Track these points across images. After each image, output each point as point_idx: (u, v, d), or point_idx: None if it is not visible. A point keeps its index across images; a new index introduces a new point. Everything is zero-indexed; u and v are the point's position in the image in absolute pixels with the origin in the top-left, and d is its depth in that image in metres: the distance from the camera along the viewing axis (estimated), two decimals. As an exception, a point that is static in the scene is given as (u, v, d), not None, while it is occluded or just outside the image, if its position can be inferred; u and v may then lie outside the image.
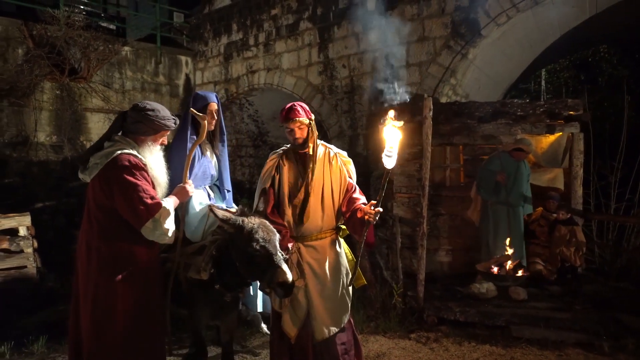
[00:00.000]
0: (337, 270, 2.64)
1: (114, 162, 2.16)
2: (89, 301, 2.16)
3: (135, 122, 2.27)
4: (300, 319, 2.57)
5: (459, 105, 5.31)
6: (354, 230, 2.53)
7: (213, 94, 2.92)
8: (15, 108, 7.72)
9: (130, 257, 2.19)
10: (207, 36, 10.16)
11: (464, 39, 6.72)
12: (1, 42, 7.63)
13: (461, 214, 5.21)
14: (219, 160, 2.97)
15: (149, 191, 2.16)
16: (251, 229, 2.23)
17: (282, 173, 2.64)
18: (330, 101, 8.31)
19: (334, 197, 2.64)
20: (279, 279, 2.16)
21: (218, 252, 2.41)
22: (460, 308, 3.85)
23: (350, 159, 2.77)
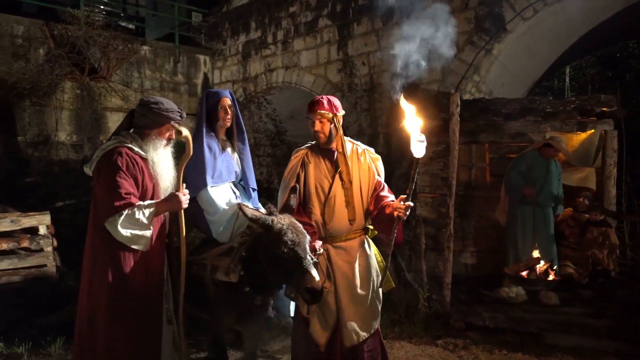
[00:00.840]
0: (368, 272, 2.51)
1: (106, 154, 2.14)
2: (84, 295, 2.14)
3: (140, 116, 2.24)
4: (330, 325, 2.44)
5: (485, 101, 5.12)
6: (382, 229, 2.41)
7: (226, 90, 2.85)
8: (37, 108, 7.78)
9: (125, 251, 2.13)
10: (225, 35, 10.12)
11: (488, 34, 6.51)
12: (23, 42, 7.70)
13: (487, 214, 5.02)
14: (241, 159, 2.87)
15: (123, 188, 2.07)
16: (280, 230, 2.11)
17: (307, 170, 2.52)
18: (350, 99, 8.18)
19: (363, 195, 2.51)
20: (307, 284, 2.04)
21: (248, 254, 2.29)
22: (489, 313, 3.69)
23: (379, 155, 2.63)
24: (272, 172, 9.94)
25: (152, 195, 2.23)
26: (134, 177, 2.14)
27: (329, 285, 2.43)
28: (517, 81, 8.24)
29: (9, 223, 5.03)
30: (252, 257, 2.27)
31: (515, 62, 7.49)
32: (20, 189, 7.12)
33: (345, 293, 2.44)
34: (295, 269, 2.07)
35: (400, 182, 6.25)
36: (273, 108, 9.77)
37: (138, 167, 2.16)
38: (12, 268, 5.02)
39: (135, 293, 2.14)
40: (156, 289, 2.23)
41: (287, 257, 2.07)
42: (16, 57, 7.56)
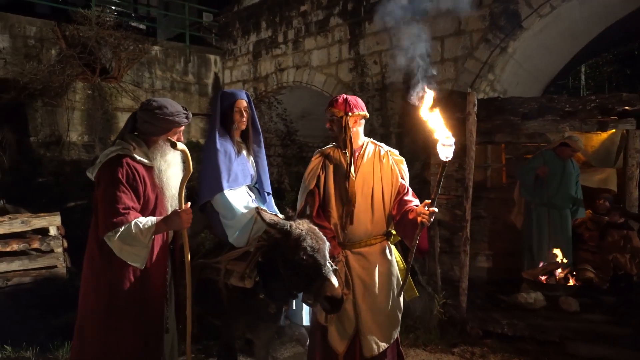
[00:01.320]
0: (388, 280, 2.40)
1: (107, 164, 2.04)
2: (80, 298, 2.10)
3: (144, 123, 2.11)
4: (349, 334, 2.35)
5: (501, 101, 5.00)
6: (405, 235, 2.28)
7: (242, 91, 2.73)
8: (49, 108, 7.80)
9: (122, 263, 2.05)
10: (236, 34, 10.07)
11: (503, 31, 6.36)
12: (36, 43, 7.72)
13: (503, 216, 4.89)
14: (257, 162, 2.77)
15: (122, 202, 1.98)
16: (299, 236, 2.01)
17: (327, 172, 2.42)
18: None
19: (385, 199, 2.40)
20: (327, 292, 1.94)
21: (264, 259, 2.21)
22: (507, 320, 3.56)
23: (403, 157, 2.52)
24: (283, 173, 9.87)
25: (154, 206, 2.13)
26: (134, 189, 2.04)
27: (348, 292, 2.33)
28: (533, 80, 8.06)
29: (19, 224, 5.03)
30: (268, 263, 2.18)
31: (531, 60, 7.32)
32: (33, 189, 7.15)
33: (364, 301, 2.35)
34: (314, 277, 1.97)
35: (414, 184, 6.13)
36: (284, 108, 9.70)
37: (139, 177, 2.06)
38: (23, 269, 5.01)
39: (132, 306, 2.06)
40: (157, 300, 2.15)
41: (306, 264, 1.98)
42: (29, 57, 7.59)
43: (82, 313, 2.12)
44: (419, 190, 5.57)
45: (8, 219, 5.01)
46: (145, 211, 2.08)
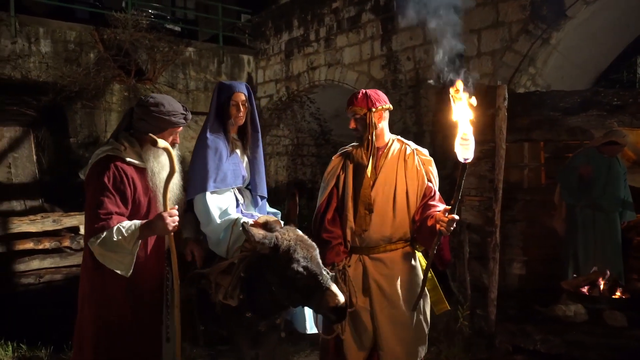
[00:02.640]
0: (412, 290, 2.20)
1: (95, 165, 1.95)
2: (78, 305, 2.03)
3: (139, 120, 2.00)
4: (367, 347, 2.18)
5: (539, 95, 4.63)
6: (423, 242, 2.12)
7: (242, 84, 2.53)
8: (87, 110, 8.05)
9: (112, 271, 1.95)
10: (269, 34, 10.05)
11: (546, 21, 5.93)
12: (75, 47, 7.99)
13: (540, 220, 4.52)
14: (252, 162, 2.61)
15: (104, 208, 1.87)
16: (288, 248, 1.85)
17: (347, 172, 2.26)
18: (394, 96, 7.81)
19: (410, 201, 2.21)
20: (330, 303, 1.77)
21: (247, 274, 2.05)
22: (541, 335, 3.25)
23: (432, 158, 2.32)
24: (317, 172, 9.75)
25: (147, 209, 2.02)
26: (121, 193, 1.93)
27: (366, 302, 2.15)
28: (580, 73, 7.51)
29: (51, 222, 5.15)
30: (253, 277, 2.02)
31: (577, 52, 6.80)
32: (72, 189, 7.38)
33: (384, 312, 2.16)
34: (313, 289, 1.80)
35: (445, 185, 5.83)
36: (317, 107, 9.58)
37: (128, 180, 1.95)
38: (55, 267, 5.13)
39: (125, 315, 1.98)
40: (152, 309, 2.05)
41: (301, 277, 1.81)
42: (69, 61, 7.85)
43: (78, 323, 2.05)
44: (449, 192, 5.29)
45: (40, 218, 5.15)
46: (136, 215, 1.98)
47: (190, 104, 8.94)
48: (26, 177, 6.85)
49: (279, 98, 9.80)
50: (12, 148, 6.79)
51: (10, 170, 6.77)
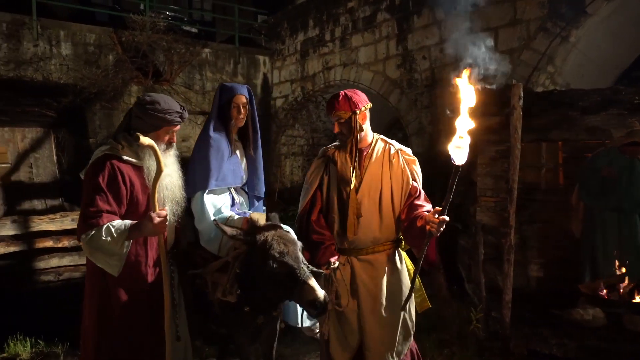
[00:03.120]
0: (397, 290, 2.21)
1: (92, 164, 1.97)
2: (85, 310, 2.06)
3: (136, 118, 2.02)
4: (352, 346, 2.18)
5: (557, 94, 4.53)
6: (412, 243, 2.10)
7: (243, 86, 2.59)
8: (106, 111, 8.19)
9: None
10: (284, 34, 10.08)
11: (564, 19, 5.81)
12: (95, 49, 8.14)
13: (558, 221, 4.43)
14: (251, 163, 2.64)
15: (95, 205, 1.88)
16: (264, 242, 1.87)
17: (331, 173, 2.25)
18: (409, 96, 7.76)
19: (394, 202, 2.20)
20: (308, 296, 1.79)
21: (242, 270, 2.07)
22: (557, 339, 3.18)
23: (415, 157, 2.30)
24: (332, 173, 9.75)
25: (146, 207, 2.02)
26: (116, 192, 1.93)
27: (354, 303, 2.15)
28: (601, 71, 7.32)
29: (70, 221, 5.26)
30: (247, 274, 2.04)
31: (598, 50, 6.64)
32: (91, 189, 7.53)
33: (370, 312, 2.17)
34: (291, 283, 1.82)
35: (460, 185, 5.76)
36: (332, 107, 9.57)
37: (124, 178, 1.96)
38: (73, 264, 5.24)
39: (127, 315, 1.98)
40: (155, 309, 2.06)
41: (278, 271, 1.82)
42: (88, 63, 8.00)
43: (83, 323, 2.09)
44: (464, 193, 5.22)
45: (60, 216, 5.26)
46: (135, 213, 1.99)
47: (206, 105, 9.03)
48: (47, 177, 7.00)
49: (295, 98, 9.82)
50: (33, 148, 6.95)
51: (31, 170, 6.94)
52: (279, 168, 9.88)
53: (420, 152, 6.89)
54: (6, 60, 7.22)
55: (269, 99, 10.39)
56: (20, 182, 6.78)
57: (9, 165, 6.79)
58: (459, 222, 5.24)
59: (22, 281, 4.88)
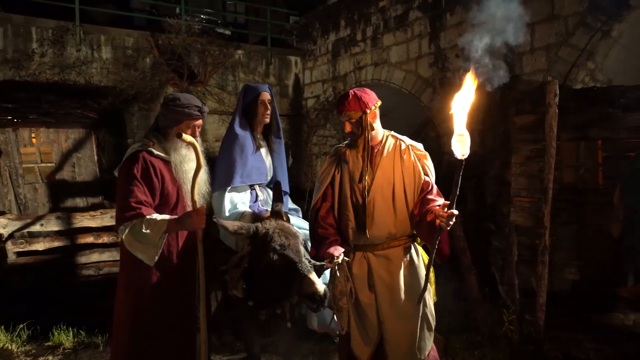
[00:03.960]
0: (414, 284, 2.23)
1: (126, 160, 2.08)
2: (117, 301, 2.17)
3: (161, 115, 2.16)
4: (373, 341, 2.21)
5: (597, 91, 4.38)
6: (424, 237, 2.12)
7: (265, 85, 2.70)
8: (143, 112, 8.46)
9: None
10: (316, 35, 10.14)
11: (606, 13, 5.58)
12: (133, 53, 8.42)
13: (596, 223, 4.27)
14: (275, 160, 2.69)
15: (134, 197, 1.98)
16: (265, 235, 1.89)
17: (343, 171, 2.29)
18: (442, 95, 7.65)
19: (407, 197, 2.23)
20: (307, 290, 1.81)
21: (249, 265, 2.12)
22: (594, 344, 3.07)
23: (427, 152, 2.34)
24: (363, 172, 9.73)
25: (176, 200, 2.13)
26: (150, 184, 2.05)
27: (371, 298, 2.17)
28: (645, 67, 7.01)
29: (109, 218, 5.48)
30: (252, 268, 2.07)
31: (642, 45, 6.36)
32: (129, 187, 7.82)
33: (388, 306, 2.20)
34: (290, 276, 1.83)
35: (494, 185, 5.64)
36: (363, 107, 9.55)
37: (155, 171, 2.07)
38: (112, 260, 5.45)
39: (160, 306, 2.07)
40: (186, 300, 2.13)
41: (278, 264, 1.84)
42: (127, 66, 8.29)
43: (116, 312, 2.19)
44: (498, 193, 5.10)
45: (100, 214, 5.49)
46: (166, 206, 2.09)
47: (239, 105, 9.19)
48: (88, 176, 7.32)
49: (326, 98, 9.86)
50: (76, 148, 7.28)
51: (74, 169, 7.27)
52: (310, 168, 9.93)
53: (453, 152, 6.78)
54: (52, 64, 7.58)
55: (300, 99, 10.47)
56: (64, 181, 7.12)
57: (53, 164, 7.14)
58: (492, 222, 5.14)
59: (65, 275, 5.12)
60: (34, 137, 7.10)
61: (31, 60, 7.41)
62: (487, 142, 6.46)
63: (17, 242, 5.01)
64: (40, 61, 7.48)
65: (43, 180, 7.05)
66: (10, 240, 4.98)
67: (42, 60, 7.50)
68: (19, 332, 3.62)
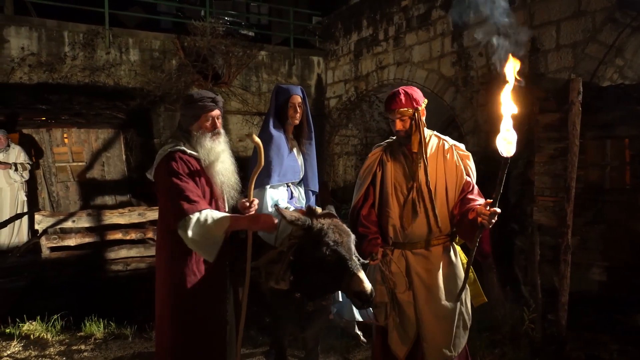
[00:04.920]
0: (452, 282, 2.26)
1: (162, 160, 2.11)
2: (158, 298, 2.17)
3: (181, 116, 2.22)
4: (411, 338, 2.25)
5: (625, 88, 4.28)
6: (464, 236, 2.14)
7: (297, 87, 2.75)
8: (169, 113, 8.68)
9: (190, 255, 2.11)
10: (338, 35, 10.18)
11: (635, 8, 5.45)
12: (159, 55, 8.65)
13: (624, 223, 4.18)
14: (306, 159, 2.77)
15: (189, 191, 2.01)
16: (320, 230, 1.95)
17: (385, 169, 2.32)
18: (465, 94, 7.59)
19: (449, 196, 2.26)
20: (355, 287, 1.86)
21: (296, 258, 2.17)
22: (618, 345, 3.03)
23: (469, 152, 2.35)
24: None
25: (210, 196, 2.18)
26: (194, 181, 2.10)
27: (410, 295, 2.22)
28: (678, 63, 6.79)
29: (137, 215, 5.64)
30: (300, 261, 2.13)
31: (675, 40, 6.17)
32: (154, 186, 8.03)
33: (426, 305, 2.22)
34: (340, 272, 1.88)
35: (517, 184, 5.57)
36: (385, 106, 9.55)
37: (194, 169, 2.12)
38: (140, 256, 5.61)
39: (198, 298, 2.12)
40: (219, 295, 2.21)
41: (330, 259, 1.90)
42: (154, 68, 8.52)
43: (159, 311, 2.22)
44: (521, 192, 5.04)
45: (128, 211, 5.66)
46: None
47: (262, 106, 9.32)
48: (117, 175, 7.55)
49: (348, 98, 9.90)
50: (105, 148, 7.52)
51: (103, 168, 7.51)
52: (332, 167, 9.98)
53: (476, 151, 6.71)
54: (82, 67, 7.86)
55: (322, 99, 10.53)
56: (94, 179, 7.37)
57: (84, 164, 7.40)
58: (516, 222, 5.09)
59: (95, 269, 5.31)
60: (66, 137, 7.37)
61: (63, 63, 7.70)
62: (511, 141, 6.38)
63: (51, 238, 5.22)
64: (72, 64, 7.76)
65: (74, 178, 7.31)
66: (44, 236, 5.19)
67: (73, 63, 7.78)
68: (53, 323, 3.79)
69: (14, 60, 7.35)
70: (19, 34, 7.42)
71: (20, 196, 6.72)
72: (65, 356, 3.37)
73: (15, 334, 3.64)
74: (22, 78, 7.38)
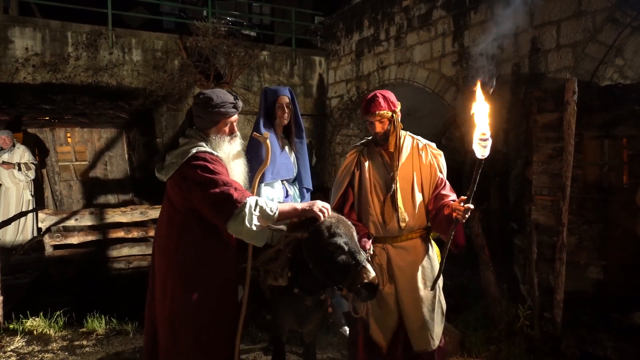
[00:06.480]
0: (429, 273, 2.40)
1: (190, 160, 1.99)
2: (166, 305, 2.09)
3: (196, 117, 2.12)
4: (391, 327, 2.36)
5: (623, 88, 4.30)
6: (441, 230, 2.27)
7: (285, 88, 2.83)
8: (172, 112, 8.74)
9: (207, 261, 2.09)
10: (340, 35, 10.22)
11: (635, 7, 5.46)
12: (162, 55, 8.71)
13: (622, 222, 4.20)
14: (298, 157, 2.83)
15: (230, 183, 1.96)
16: (330, 225, 1.99)
17: (362, 169, 2.43)
18: (466, 93, 7.61)
19: (424, 192, 2.40)
20: (365, 279, 1.89)
21: (294, 255, 2.21)
22: (614, 343, 3.06)
23: (441, 151, 2.51)
24: (387, 172, 9.75)
25: None
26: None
27: (392, 288, 2.35)
28: (679, 63, 6.79)
29: (139, 214, 5.70)
30: (298, 257, 2.17)
31: (675, 40, 6.18)
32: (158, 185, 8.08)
33: (407, 294, 2.35)
34: (349, 265, 1.93)
35: (516, 184, 5.60)
36: (386, 106, 9.58)
37: (223, 166, 2.06)
38: (142, 254, 5.67)
39: (220, 300, 2.13)
40: (231, 291, 2.20)
41: (340, 253, 1.94)
42: (156, 68, 8.59)
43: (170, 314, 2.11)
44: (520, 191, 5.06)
45: (130, 210, 5.72)
46: None
47: (264, 105, 9.36)
48: (119, 174, 7.62)
49: (350, 98, 9.94)
50: (108, 148, 7.59)
51: (106, 167, 7.58)
52: (334, 167, 10.02)
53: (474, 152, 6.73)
54: (86, 67, 7.92)
55: (324, 99, 10.57)
56: (97, 178, 7.44)
57: (87, 163, 7.47)
58: (515, 221, 5.12)
59: (97, 267, 5.38)
60: (69, 137, 7.44)
61: (67, 64, 7.77)
62: (511, 141, 6.42)
63: (54, 236, 5.28)
64: (75, 64, 7.83)
65: (77, 177, 7.39)
66: (47, 234, 5.26)
67: (77, 63, 7.85)
68: (56, 319, 3.85)
69: (18, 61, 7.42)
70: (23, 34, 7.50)
71: (26, 195, 6.80)
72: (67, 351, 3.43)
73: (19, 329, 3.70)
74: (26, 78, 7.46)
